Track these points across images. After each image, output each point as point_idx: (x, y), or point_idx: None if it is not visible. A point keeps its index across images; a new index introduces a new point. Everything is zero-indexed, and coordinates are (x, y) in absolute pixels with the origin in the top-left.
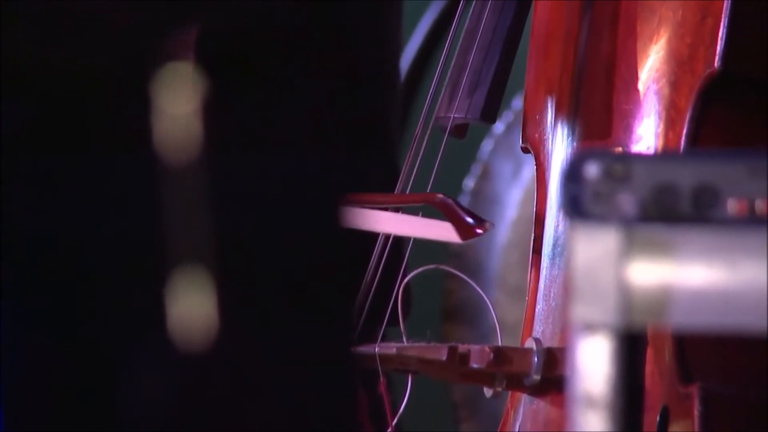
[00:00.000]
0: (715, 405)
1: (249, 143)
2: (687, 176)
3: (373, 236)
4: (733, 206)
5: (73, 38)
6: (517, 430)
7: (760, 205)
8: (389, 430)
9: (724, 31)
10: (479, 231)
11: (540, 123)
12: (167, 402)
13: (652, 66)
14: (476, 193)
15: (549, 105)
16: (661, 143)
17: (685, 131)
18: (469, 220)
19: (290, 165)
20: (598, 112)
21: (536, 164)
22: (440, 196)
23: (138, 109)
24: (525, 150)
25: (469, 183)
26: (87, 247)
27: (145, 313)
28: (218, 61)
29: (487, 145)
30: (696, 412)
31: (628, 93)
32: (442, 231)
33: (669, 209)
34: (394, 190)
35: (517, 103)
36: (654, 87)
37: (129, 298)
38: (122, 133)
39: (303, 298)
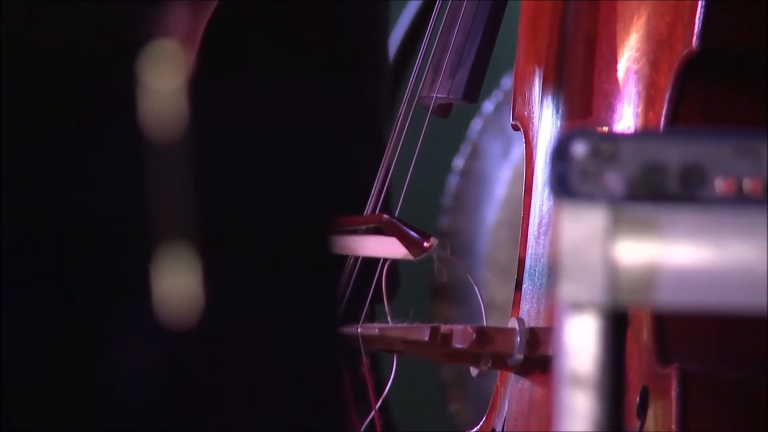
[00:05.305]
0: (693, 386)
1: (234, 119)
2: (674, 155)
3: (360, 211)
4: (720, 185)
5: (60, 14)
6: (505, 408)
7: (747, 184)
8: (372, 411)
9: (702, 10)
10: (426, 245)
11: (528, 100)
12: (151, 375)
13: (632, 45)
14: (466, 172)
15: (536, 83)
16: (641, 122)
17: (664, 110)
18: (416, 236)
19: (276, 142)
20: (580, 92)
21: (525, 142)
22: (385, 216)
23: (124, 85)
24: (515, 127)
25: (459, 162)
26: (72, 222)
27: (129, 287)
28: (205, 38)
29: (476, 124)
30: (674, 393)
31: (609, 72)
32: (396, 249)
33: (656, 188)
34: (378, 169)
35: (507, 82)
36: (634, 66)
37: (113, 271)
38: (107, 108)
39: (286, 274)
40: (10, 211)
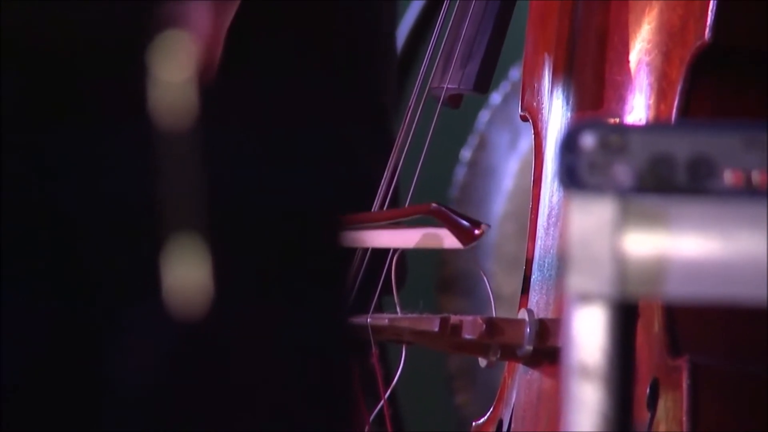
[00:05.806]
0: (704, 378)
1: (238, 118)
2: (683, 147)
3: (367, 206)
4: (729, 177)
5: (69, 5)
6: (513, 399)
7: (756, 176)
8: (381, 401)
9: (714, 4)
10: (477, 233)
11: (538, 92)
12: (154, 373)
13: (644, 38)
14: (473, 164)
15: (546, 75)
16: (652, 114)
17: (676, 103)
18: (465, 223)
19: (280, 140)
20: (591, 83)
21: (534, 133)
22: (434, 205)
23: (134, 76)
24: (524, 118)
25: (466, 154)
26: (73, 220)
27: (132, 285)
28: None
29: (483, 116)
30: (685, 385)
31: (620, 64)
32: (442, 239)
33: (665, 180)
34: (387, 163)
35: (514, 73)
36: (646, 59)
37: (115, 269)
38: (110, 105)
39: (294, 270)
40: (10, 211)
